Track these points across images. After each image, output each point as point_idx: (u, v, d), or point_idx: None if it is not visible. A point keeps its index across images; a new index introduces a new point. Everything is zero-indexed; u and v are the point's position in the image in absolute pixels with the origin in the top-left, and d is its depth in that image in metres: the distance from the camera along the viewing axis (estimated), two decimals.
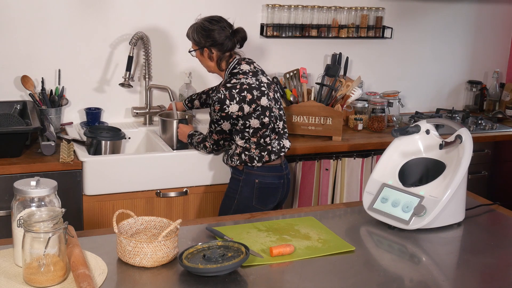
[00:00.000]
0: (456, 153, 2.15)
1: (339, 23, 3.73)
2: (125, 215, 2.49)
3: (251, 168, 2.69)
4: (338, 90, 3.37)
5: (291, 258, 1.86)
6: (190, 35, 2.74)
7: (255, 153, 2.66)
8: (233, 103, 2.58)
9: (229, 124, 2.63)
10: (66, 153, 2.76)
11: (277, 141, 2.72)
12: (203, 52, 2.72)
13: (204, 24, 2.69)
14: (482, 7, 4.16)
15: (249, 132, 2.64)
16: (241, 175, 2.71)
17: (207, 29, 2.67)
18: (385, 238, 2.07)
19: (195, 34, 2.71)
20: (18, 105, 3.10)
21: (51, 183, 1.72)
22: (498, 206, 2.38)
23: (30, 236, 1.59)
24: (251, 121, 2.62)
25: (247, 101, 2.59)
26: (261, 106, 2.63)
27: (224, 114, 2.60)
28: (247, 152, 2.67)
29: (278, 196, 2.76)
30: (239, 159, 2.69)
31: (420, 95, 4.14)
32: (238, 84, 2.61)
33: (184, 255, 1.76)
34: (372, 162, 3.30)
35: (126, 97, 3.40)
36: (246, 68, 2.70)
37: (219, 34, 2.66)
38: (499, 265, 1.93)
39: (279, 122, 2.73)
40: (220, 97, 2.59)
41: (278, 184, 2.74)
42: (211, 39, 2.67)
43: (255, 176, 2.69)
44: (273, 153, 2.69)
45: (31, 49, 3.17)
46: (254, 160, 2.67)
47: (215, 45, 2.68)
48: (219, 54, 2.70)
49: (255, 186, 2.70)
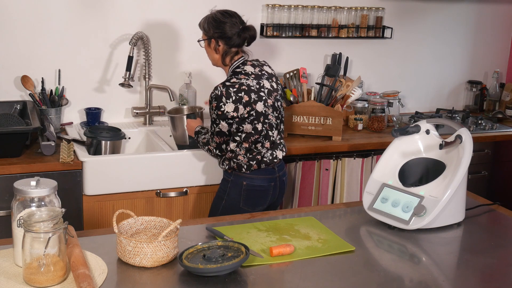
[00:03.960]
0: (456, 153, 2.15)
1: (339, 23, 3.73)
2: (125, 215, 2.49)
3: (236, 171, 2.68)
4: (338, 90, 3.37)
5: (291, 258, 1.86)
6: (202, 24, 2.72)
7: (244, 161, 2.64)
8: (229, 101, 2.57)
9: (226, 124, 2.60)
10: (66, 153, 2.76)
11: (270, 151, 2.68)
12: (211, 42, 2.69)
13: (216, 16, 2.68)
14: (482, 7, 4.16)
15: (241, 136, 2.61)
16: (230, 176, 2.70)
17: (218, 21, 2.66)
18: (385, 238, 2.07)
19: (206, 23, 2.69)
20: (18, 105, 3.10)
21: (51, 183, 1.72)
22: (498, 206, 2.38)
23: (30, 236, 1.59)
24: (244, 126, 2.60)
25: (243, 103, 2.58)
26: (256, 111, 2.61)
27: (220, 113, 2.58)
28: (235, 160, 2.64)
29: (268, 198, 2.73)
30: (228, 164, 2.68)
31: (420, 95, 4.15)
32: (237, 84, 2.60)
33: (184, 255, 1.76)
34: (372, 162, 3.30)
35: (126, 97, 3.40)
36: (250, 70, 2.68)
37: (230, 28, 2.65)
38: (499, 265, 1.93)
39: (274, 131, 2.69)
40: (216, 94, 2.58)
41: (267, 186, 2.71)
42: (220, 30, 2.65)
43: (243, 178, 2.67)
44: (264, 162, 2.66)
45: (31, 49, 3.17)
46: (242, 168, 2.65)
47: (223, 37, 2.66)
48: (225, 48, 2.68)
49: (243, 188, 2.68)
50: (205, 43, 2.73)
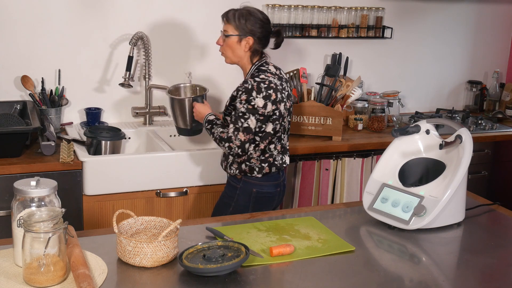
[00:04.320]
0: (456, 153, 2.15)
1: (339, 23, 3.73)
2: (125, 215, 2.49)
3: (249, 177, 2.62)
4: (338, 90, 3.37)
5: (291, 258, 1.86)
6: (234, 19, 2.54)
7: (256, 164, 2.58)
8: (259, 97, 2.48)
9: (255, 120, 2.50)
10: (66, 153, 2.76)
11: (281, 156, 2.64)
12: (242, 40, 2.55)
13: (256, 14, 2.56)
14: (482, 7, 4.16)
15: (260, 136, 2.55)
16: (239, 183, 2.64)
17: (259, 20, 2.56)
18: (385, 238, 2.07)
19: (242, 19, 2.54)
20: (18, 105, 3.10)
21: (51, 183, 1.72)
22: (498, 206, 2.38)
23: (30, 236, 1.59)
24: (267, 125, 2.54)
25: (272, 100, 2.50)
26: (279, 111, 2.55)
27: (251, 107, 2.49)
28: (248, 163, 2.58)
29: (273, 204, 2.71)
30: (238, 168, 2.60)
31: (420, 95, 4.15)
32: (267, 81, 2.52)
33: (184, 255, 1.76)
34: (372, 162, 3.30)
35: (126, 97, 3.40)
36: (273, 70, 2.61)
37: (267, 28, 2.58)
38: (499, 265, 1.93)
39: (285, 135, 2.65)
40: (247, 88, 2.49)
41: (274, 192, 2.68)
42: (260, 29, 2.54)
43: (252, 185, 2.62)
44: (274, 166, 2.62)
45: (31, 49, 3.17)
46: (254, 171, 2.59)
47: (259, 37, 2.56)
48: (256, 47, 2.58)
49: (252, 195, 2.63)
50: (234, 39, 2.56)
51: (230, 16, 2.57)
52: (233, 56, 2.61)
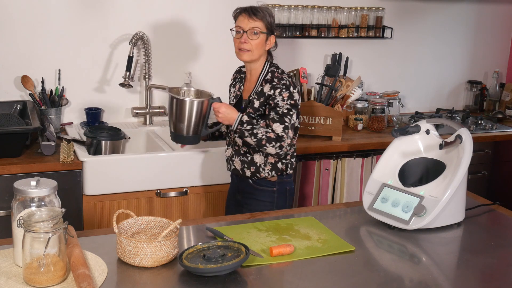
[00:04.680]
0: (456, 153, 2.15)
1: (339, 23, 3.73)
2: (125, 215, 2.49)
3: (283, 176, 2.58)
4: (338, 90, 3.37)
5: (291, 258, 1.86)
6: (266, 17, 2.51)
7: (289, 160, 2.55)
8: (295, 91, 2.48)
9: (295, 116, 2.46)
10: (66, 153, 2.76)
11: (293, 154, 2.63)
12: (269, 38, 2.53)
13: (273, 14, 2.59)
14: (482, 7, 4.16)
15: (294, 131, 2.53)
16: (274, 186, 2.58)
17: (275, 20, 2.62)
18: (385, 238, 2.07)
19: (270, 17, 2.53)
20: (18, 105, 3.10)
21: (51, 183, 1.72)
22: (498, 206, 2.38)
23: (30, 236, 1.59)
24: (299, 119, 2.55)
25: (301, 94, 2.51)
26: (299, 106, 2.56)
27: (293, 102, 2.45)
28: (284, 160, 2.54)
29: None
30: (273, 168, 2.53)
31: (420, 95, 4.15)
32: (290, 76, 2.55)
33: (184, 255, 1.76)
34: (372, 162, 3.30)
35: (126, 97, 3.40)
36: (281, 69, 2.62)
37: None
38: (499, 265, 1.93)
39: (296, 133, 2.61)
40: (286, 84, 2.46)
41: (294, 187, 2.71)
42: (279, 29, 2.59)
43: (285, 184, 2.60)
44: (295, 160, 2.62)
45: (31, 49, 3.17)
46: (288, 169, 2.56)
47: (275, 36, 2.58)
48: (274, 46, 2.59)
49: (287, 193, 2.62)
50: (262, 36, 2.49)
51: (260, 13, 2.51)
52: (258, 54, 2.52)
